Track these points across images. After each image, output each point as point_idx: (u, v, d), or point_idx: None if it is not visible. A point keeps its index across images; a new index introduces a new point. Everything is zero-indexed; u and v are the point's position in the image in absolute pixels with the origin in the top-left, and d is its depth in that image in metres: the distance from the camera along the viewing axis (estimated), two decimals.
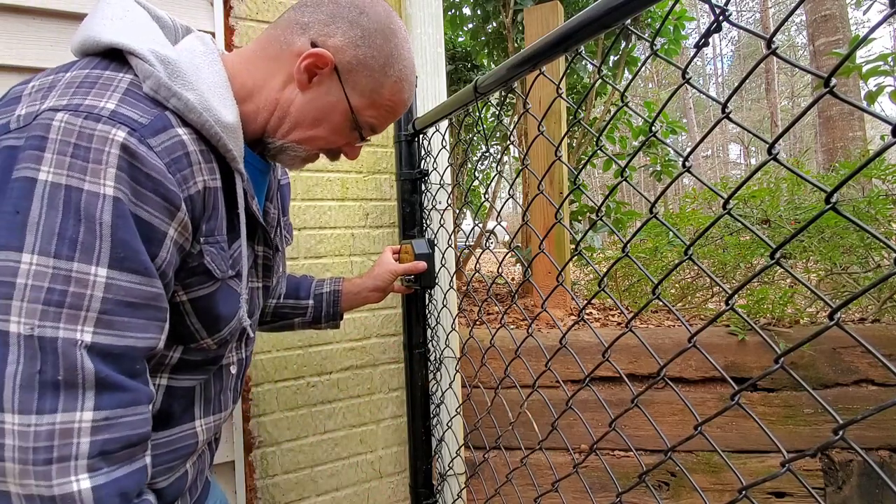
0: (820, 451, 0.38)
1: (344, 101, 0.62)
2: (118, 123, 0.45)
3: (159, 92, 0.50)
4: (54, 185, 0.42)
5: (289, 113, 0.61)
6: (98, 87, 0.47)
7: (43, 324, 0.40)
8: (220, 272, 0.57)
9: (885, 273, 0.52)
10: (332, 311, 0.96)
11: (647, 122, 0.57)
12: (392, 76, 0.63)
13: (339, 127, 0.65)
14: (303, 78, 0.60)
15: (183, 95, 0.51)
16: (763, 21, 13.97)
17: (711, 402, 1.56)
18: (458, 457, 1.23)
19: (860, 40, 0.39)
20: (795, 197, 2.15)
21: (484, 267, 5.31)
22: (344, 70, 0.61)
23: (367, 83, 0.62)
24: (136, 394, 0.46)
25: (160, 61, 0.51)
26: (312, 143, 0.65)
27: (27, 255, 0.41)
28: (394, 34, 0.63)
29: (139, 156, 0.45)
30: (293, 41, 0.60)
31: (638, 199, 11.58)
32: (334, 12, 0.61)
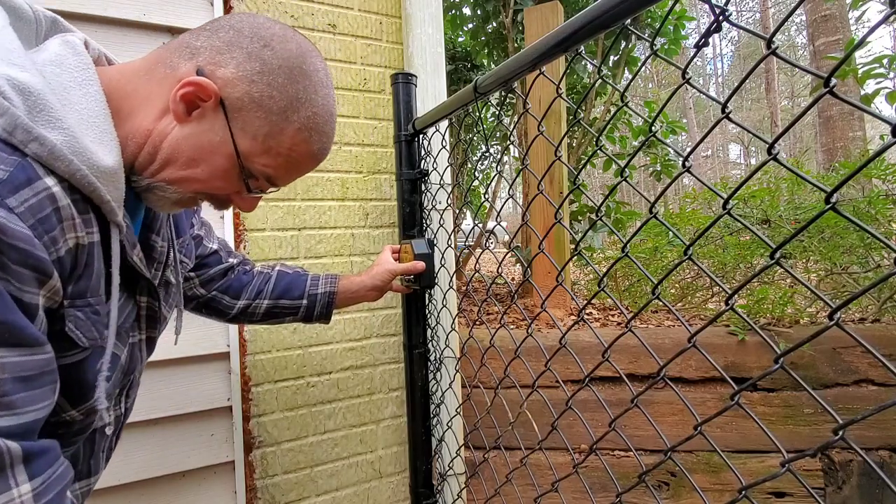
0: (820, 451, 0.38)
1: (229, 143, 0.53)
2: None
3: (14, 135, 0.40)
4: None
5: (160, 148, 0.52)
6: None
7: None
8: (88, 340, 0.49)
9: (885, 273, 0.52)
10: (324, 311, 0.95)
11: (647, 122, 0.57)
12: (295, 122, 0.54)
13: (222, 172, 0.55)
14: (179, 108, 0.51)
15: (46, 140, 0.41)
16: (763, 21, 13.97)
17: (711, 402, 1.56)
18: (458, 457, 1.23)
19: (858, 42, 0.39)
20: (795, 197, 2.15)
21: (484, 267, 5.31)
22: (232, 107, 0.52)
23: (262, 126, 0.53)
24: (54, 447, 0.44)
25: (18, 92, 0.41)
26: (185, 184, 0.55)
27: None
28: (304, 75, 0.54)
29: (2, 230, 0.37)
30: (178, 65, 0.51)
31: (638, 199, 11.58)
32: (232, 41, 0.52)
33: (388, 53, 1.40)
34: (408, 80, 1.21)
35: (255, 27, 0.53)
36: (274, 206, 1.25)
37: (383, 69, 1.39)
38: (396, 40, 1.41)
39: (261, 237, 1.23)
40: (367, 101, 1.37)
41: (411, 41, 1.35)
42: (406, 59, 1.38)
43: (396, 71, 1.33)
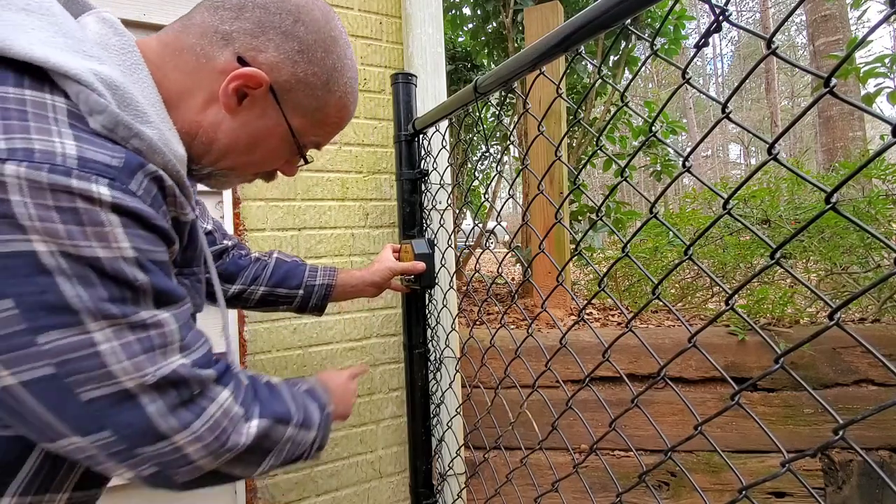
0: (820, 451, 0.38)
1: (283, 125, 0.55)
2: (94, 175, 0.38)
3: (116, 131, 0.42)
4: (66, 256, 0.38)
5: (216, 139, 0.53)
6: (33, 117, 0.38)
7: (159, 368, 0.43)
8: (195, 307, 0.54)
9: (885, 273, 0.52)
10: (319, 304, 0.95)
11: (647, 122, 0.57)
12: (337, 92, 0.56)
13: (278, 150, 0.57)
14: (231, 101, 0.51)
15: (145, 134, 0.43)
16: (763, 21, 13.97)
17: (711, 402, 1.56)
18: (458, 457, 1.23)
19: (859, 41, 0.39)
20: (795, 197, 2.15)
21: (484, 267, 5.31)
22: (281, 90, 0.53)
23: (310, 102, 0.55)
24: (228, 368, 0.52)
25: (107, 87, 0.42)
26: (246, 169, 0.58)
27: (92, 326, 0.39)
28: (335, 42, 0.55)
29: (131, 210, 0.40)
30: (214, 55, 0.50)
31: (638, 199, 11.58)
32: (262, 20, 0.51)
33: (388, 53, 1.40)
34: (408, 80, 1.21)
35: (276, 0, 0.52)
36: (274, 206, 1.25)
37: (383, 69, 1.39)
38: (396, 40, 1.41)
39: (261, 237, 1.23)
40: (368, 101, 1.37)
41: (411, 41, 1.35)
42: (406, 59, 1.38)
43: (396, 71, 1.33)
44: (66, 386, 0.39)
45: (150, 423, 0.42)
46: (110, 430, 0.41)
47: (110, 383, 0.40)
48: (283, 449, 0.55)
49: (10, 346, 0.37)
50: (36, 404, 0.39)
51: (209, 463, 0.47)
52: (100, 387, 0.40)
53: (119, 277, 0.40)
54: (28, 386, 0.38)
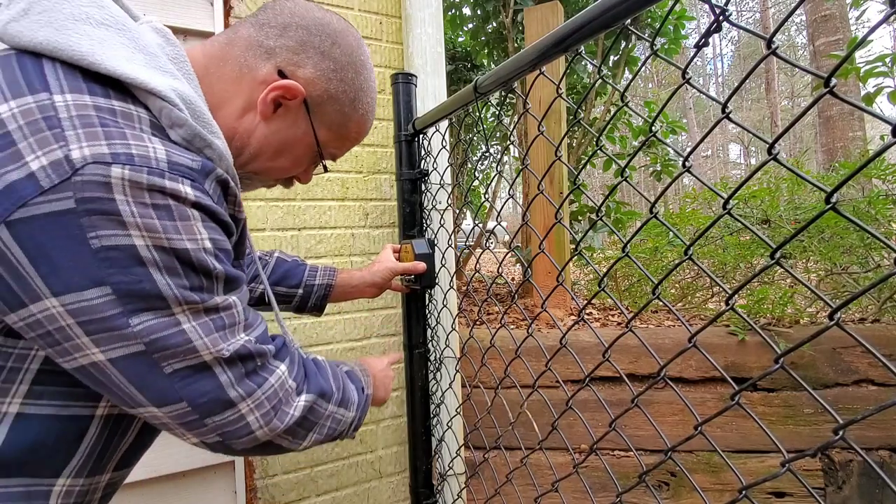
0: (820, 451, 0.38)
1: (311, 135, 0.61)
2: (180, 176, 0.44)
3: (193, 142, 0.48)
4: (159, 249, 0.43)
5: (248, 144, 0.58)
6: (126, 127, 0.43)
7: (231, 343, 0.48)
8: None
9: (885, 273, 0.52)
10: (318, 304, 0.95)
11: (647, 122, 0.57)
12: (360, 110, 0.63)
13: (301, 158, 0.63)
14: (267, 109, 0.56)
15: (215, 144, 0.49)
16: (763, 21, 13.97)
17: (711, 402, 1.56)
18: (458, 457, 1.23)
19: (859, 41, 0.39)
20: (795, 197, 2.14)
21: (484, 267, 5.31)
22: (314, 103, 0.59)
23: (336, 117, 0.61)
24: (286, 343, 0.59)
25: (183, 101, 0.47)
26: (270, 173, 0.64)
27: (178, 309, 0.45)
28: (363, 66, 0.62)
29: (207, 207, 0.47)
30: (256, 66, 0.55)
31: (638, 199, 11.58)
32: (304, 40, 0.57)
33: (388, 53, 1.40)
34: (408, 80, 1.21)
35: (318, 23, 0.58)
36: (274, 206, 1.25)
37: (383, 69, 1.39)
38: (396, 40, 1.41)
39: (261, 237, 1.23)
40: None
41: (411, 41, 1.35)
42: (406, 59, 1.38)
43: (396, 71, 1.33)
44: (154, 361, 0.44)
45: (222, 390, 0.48)
46: (186, 401, 0.46)
47: (192, 357, 0.46)
48: (325, 425, 0.60)
49: (104, 327, 0.42)
50: (121, 378, 0.44)
51: (264, 434, 0.52)
52: (183, 360, 0.45)
53: (200, 266, 0.46)
54: (117, 362, 0.43)
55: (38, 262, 0.39)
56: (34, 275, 0.39)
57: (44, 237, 0.39)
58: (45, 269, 0.39)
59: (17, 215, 0.38)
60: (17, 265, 0.39)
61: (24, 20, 0.43)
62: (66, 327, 0.41)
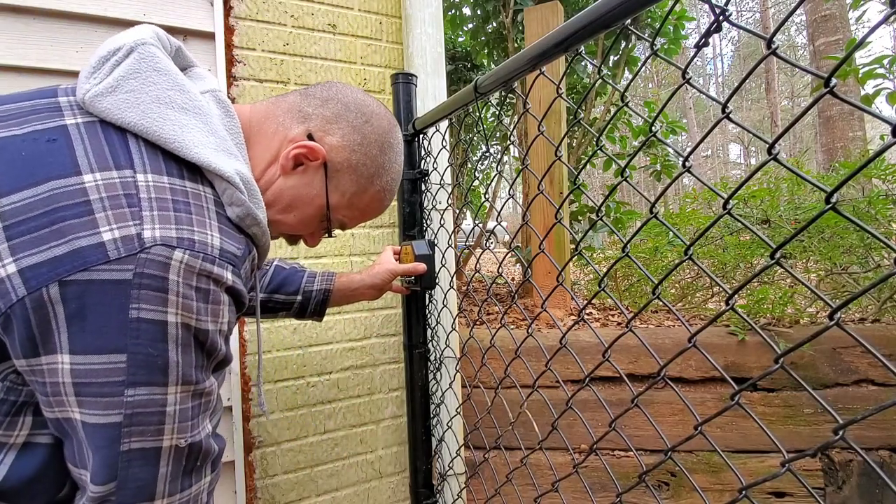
0: (820, 451, 0.38)
1: (322, 197, 0.62)
2: (226, 264, 0.48)
3: (245, 221, 0.52)
4: (185, 326, 0.45)
5: (263, 193, 0.60)
6: (195, 209, 0.47)
7: (193, 434, 0.47)
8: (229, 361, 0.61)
9: (885, 273, 0.52)
10: (318, 309, 0.95)
11: (648, 122, 0.57)
12: (377, 186, 0.66)
13: (309, 219, 0.64)
14: (288, 164, 0.59)
15: (262, 223, 0.54)
16: (763, 21, 13.97)
17: (711, 402, 1.56)
18: (458, 457, 1.23)
19: (859, 42, 0.39)
20: (795, 197, 2.15)
21: (484, 267, 5.31)
22: (332, 168, 0.61)
23: (351, 187, 0.64)
24: None
25: (244, 184, 0.52)
26: (276, 227, 0.65)
27: (172, 388, 0.45)
28: (391, 147, 0.65)
29: (238, 291, 0.50)
30: (290, 126, 0.60)
31: (638, 199, 11.58)
32: (339, 113, 0.62)
33: (388, 53, 1.40)
34: (408, 80, 1.21)
35: (359, 103, 0.63)
36: None
37: (383, 69, 1.39)
38: (396, 40, 1.41)
39: None
40: None
41: (411, 41, 1.35)
42: (406, 59, 1.38)
43: (396, 71, 1.33)
44: (120, 434, 0.43)
45: (154, 483, 0.45)
46: (119, 482, 0.43)
47: (153, 439, 0.44)
48: None
49: (97, 392, 0.42)
50: (84, 439, 0.43)
51: None
52: (144, 440, 0.44)
53: (211, 346, 0.48)
54: (88, 426, 0.43)
55: (73, 321, 0.41)
56: (63, 330, 0.41)
57: (91, 299, 0.41)
58: (76, 328, 0.41)
59: (75, 277, 0.40)
60: (52, 320, 0.41)
61: (111, 97, 0.47)
62: (61, 384, 0.42)
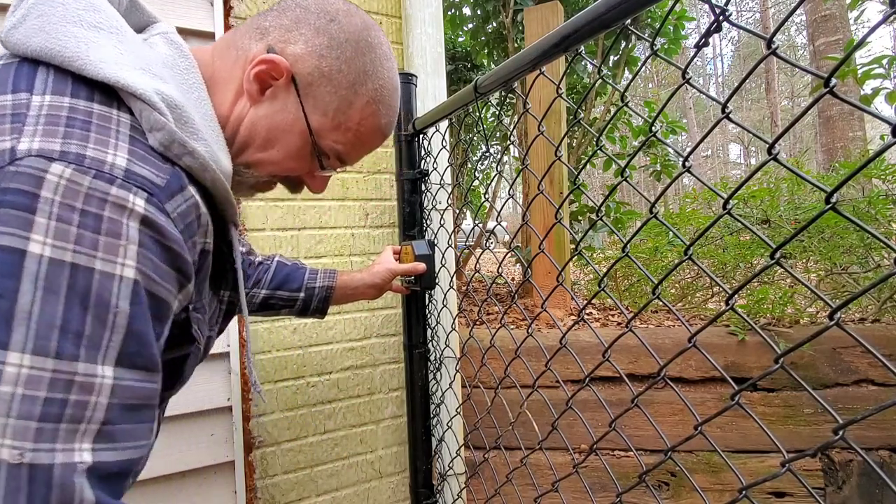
0: (820, 451, 0.38)
1: (301, 121, 0.53)
2: (135, 188, 0.38)
3: (171, 149, 0.43)
4: (54, 261, 0.34)
5: (238, 131, 0.53)
6: (96, 128, 0.39)
7: (37, 447, 0.32)
8: (202, 337, 0.52)
9: (885, 273, 0.52)
10: (320, 306, 0.95)
11: (647, 122, 0.57)
12: (363, 96, 0.54)
13: (296, 151, 0.55)
14: (252, 88, 0.51)
15: (198, 152, 0.44)
16: (763, 21, 13.97)
17: (711, 402, 1.56)
18: (458, 457, 1.23)
19: (858, 42, 0.39)
20: (795, 197, 2.15)
21: (484, 267, 5.31)
22: (303, 83, 0.52)
23: (332, 101, 0.53)
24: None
25: (167, 105, 0.43)
26: (262, 167, 0.56)
27: (15, 356, 0.32)
28: (370, 48, 0.54)
29: (159, 227, 0.39)
30: (249, 47, 0.52)
31: (638, 198, 11.58)
32: (299, 17, 0.53)
33: None
34: (408, 80, 1.21)
35: (320, 3, 0.54)
36: (274, 206, 1.25)
37: None
38: (396, 40, 1.41)
39: (261, 237, 1.23)
40: None
41: (411, 41, 1.35)
42: (406, 59, 1.38)
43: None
44: None
45: None
46: None
47: None
48: None
49: None
50: None
51: None
52: None
53: (97, 300, 0.35)
54: None
55: None
56: None
57: None
58: None
59: None
60: None
61: (21, 27, 0.41)
62: None
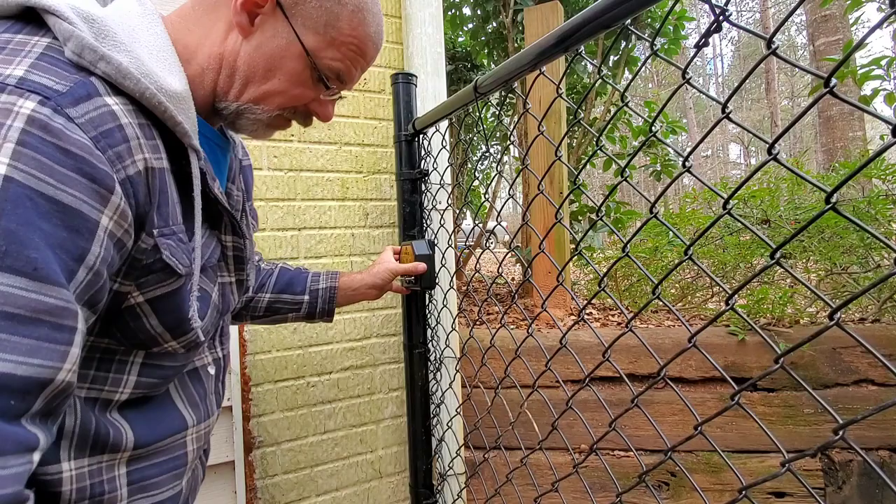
0: (820, 451, 0.38)
1: (296, 43, 0.53)
2: (27, 92, 0.37)
3: (83, 56, 0.41)
4: None
5: (237, 67, 0.53)
6: (7, 52, 0.39)
7: None
8: (184, 267, 0.50)
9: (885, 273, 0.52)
10: (326, 308, 0.94)
11: (648, 122, 0.57)
12: (348, 5, 0.54)
13: (298, 76, 0.55)
14: (242, 20, 0.52)
15: (113, 58, 0.42)
16: (763, 21, 13.97)
17: (711, 402, 1.56)
18: (458, 457, 1.23)
19: (858, 42, 0.39)
20: (795, 197, 2.15)
21: (484, 267, 5.31)
22: (287, 4, 0.52)
23: (320, 16, 0.53)
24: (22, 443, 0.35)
25: (83, 19, 0.43)
26: (271, 100, 0.56)
27: None
28: None
29: (53, 128, 0.37)
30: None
31: (638, 198, 11.58)
32: None
33: (388, 53, 1.40)
34: (408, 80, 1.21)
35: None
36: (274, 206, 1.25)
37: (383, 69, 1.39)
38: (396, 40, 1.41)
39: (261, 237, 1.23)
40: (367, 101, 1.37)
41: (411, 41, 1.35)
42: (406, 59, 1.38)
43: (396, 71, 1.33)
44: None
45: None
46: None
47: None
48: None
49: None
50: None
51: None
52: None
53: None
54: None
55: None
56: None
57: None
58: None
59: None
60: None
61: None
62: None
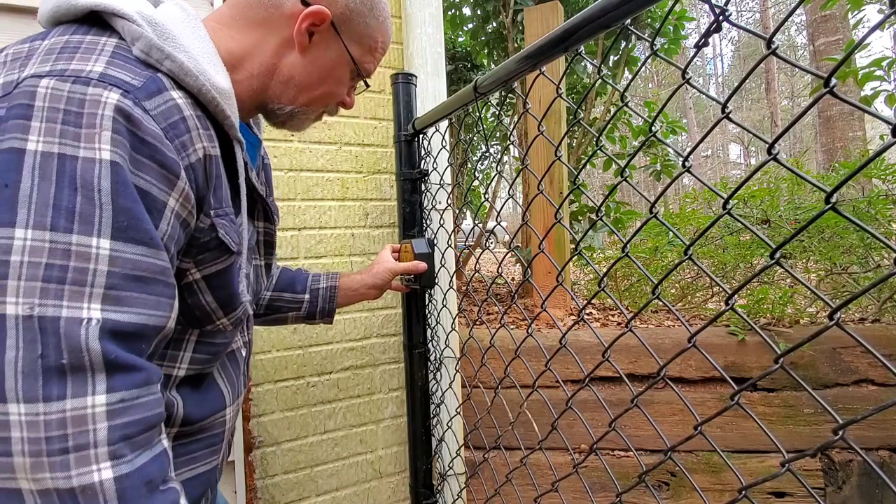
0: (820, 451, 0.38)
1: (345, 54, 0.63)
2: (109, 85, 0.43)
3: (151, 54, 0.47)
4: (45, 154, 0.39)
5: (293, 77, 0.61)
6: (82, 51, 0.44)
7: (43, 302, 0.37)
8: (236, 245, 0.56)
9: (885, 273, 0.52)
10: (327, 308, 0.95)
11: (647, 122, 0.57)
12: (379, 17, 0.65)
13: (342, 79, 0.66)
14: (304, 40, 0.59)
15: (177, 57, 0.48)
16: (763, 21, 13.97)
17: (711, 402, 1.56)
18: (458, 457, 1.23)
19: (857, 43, 0.39)
20: (795, 197, 2.15)
21: (484, 267, 5.31)
22: (339, 21, 0.61)
23: (362, 30, 0.64)
24: (148, 373, 0.43)
25: (148, 22, 0.48)
26: (320, 102, 0.66)
27: (21, 231, 0.38)
28: None
29: (134, 119, 0.43)
30: (281, 3, 0.59)
31: (638, 198, 11.58)
32: None
33: (389, 53, 1.40)
34: (408, 80, 1.21)
35: None
36: None
37: (383, 69, 1.39)
38: (397, 40, 1.41)
39: None
40: (368, 101, 1.37)
41: (411, 41, 1.35)
42: (406, 59, 1.38)
43: (396, 71, 1.33)
44: None
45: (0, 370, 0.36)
46: None
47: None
48: None
49: None
50: None
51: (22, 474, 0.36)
52: None
53: (83, 182, 0.40)
54: None
55: None
56: None
57: None
58: None
59: None
60: None
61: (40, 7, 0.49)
62: None
